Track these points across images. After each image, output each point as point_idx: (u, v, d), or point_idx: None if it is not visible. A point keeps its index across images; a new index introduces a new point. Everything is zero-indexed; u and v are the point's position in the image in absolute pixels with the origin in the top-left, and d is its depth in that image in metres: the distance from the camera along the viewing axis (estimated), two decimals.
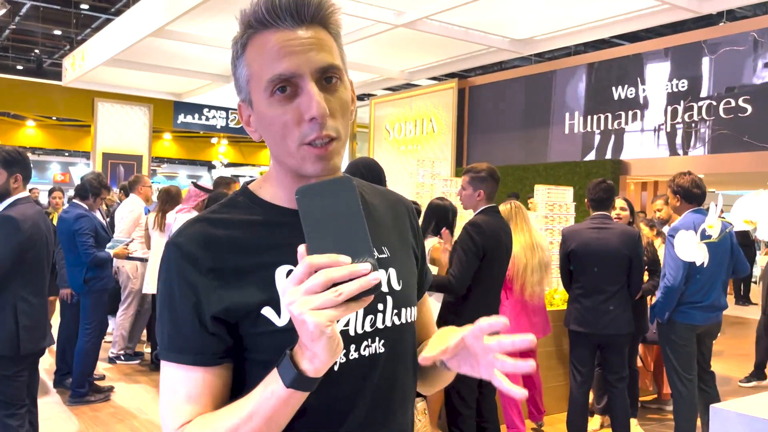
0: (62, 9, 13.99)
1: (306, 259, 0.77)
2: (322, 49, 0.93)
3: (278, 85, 0.92)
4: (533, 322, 4.18)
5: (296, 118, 0.92)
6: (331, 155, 0.94)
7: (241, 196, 1.04)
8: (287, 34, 0.92)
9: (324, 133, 0.92)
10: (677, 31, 10.77)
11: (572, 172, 9.94)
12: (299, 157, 0.94)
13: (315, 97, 0.90)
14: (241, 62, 0.97)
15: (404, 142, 13.15)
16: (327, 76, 0.94)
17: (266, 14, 0.92)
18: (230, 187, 5.70)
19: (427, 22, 9.01)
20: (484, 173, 3.62)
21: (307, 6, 0.93)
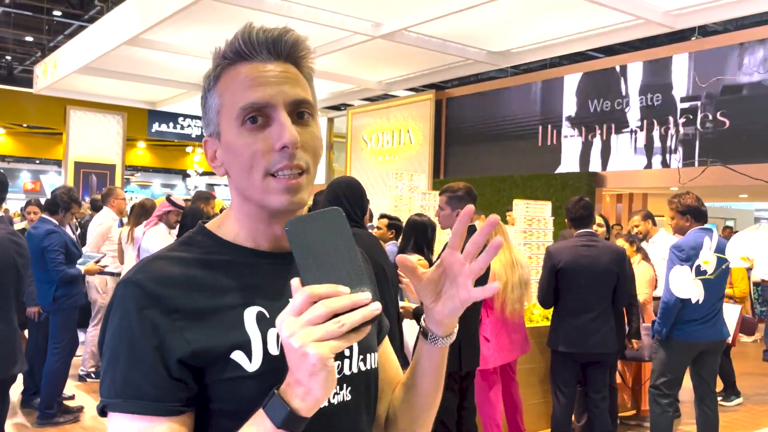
0: (34, 15, 13.75)
1: (305, 289, 0.75)
2: (296, 84, 0.94)
3: (249, 114, 0.90)
4: (513, 339, 4.15)
5: (265, 148, 0.90)
6: (299, 188, 0.92)
7: (199, 236, 0.99)
8: (262, 65, 0.93)
9: (294, 163, 0.90)
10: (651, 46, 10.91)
11: (548, 184, 9.98)
12: (264, 188, 0.91)
13: (286, 125, 0.89)
14: (212, 94, 0.96)
15: (381, 153, 13.13)
16: (299, 110, 0.93)
17: (243, 45, 0.93)
18: (209, 203, 5.62)
19: (404, 34, 9.00)
20: (461, 192, 3.58)
21: (284, 43, 0.94)
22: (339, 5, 8.21)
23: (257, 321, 0.91)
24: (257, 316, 0.92)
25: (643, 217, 5.64)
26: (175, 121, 17.25)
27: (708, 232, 4.03)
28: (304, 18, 8.25)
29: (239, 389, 0.88)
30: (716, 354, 4.17)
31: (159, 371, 0.85)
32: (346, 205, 2.93)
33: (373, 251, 2.88)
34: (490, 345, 3.92)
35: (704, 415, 4.11)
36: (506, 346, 4.08)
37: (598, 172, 9.68)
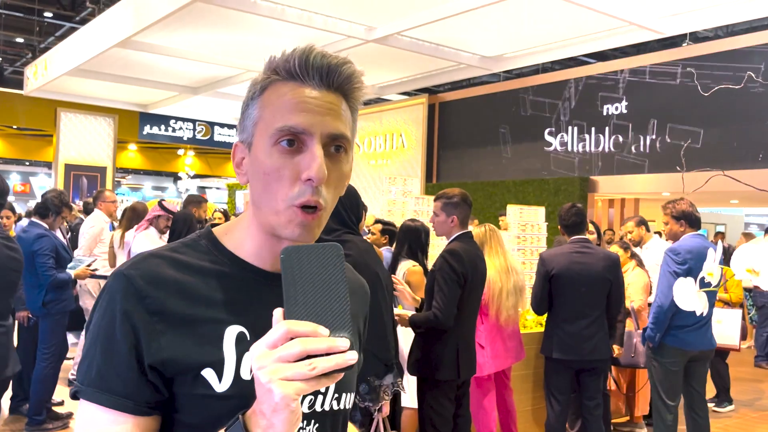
0: (25, 16, 13.66)
1: (284, 323, 0.72)
2: (338, 118, 0.92)
3: (286, 137, 0.89)
4: (508, 346, 4.13)
5: (293, 175, 0.89)
6: (315, 224, 0.91)
7: (204, 240, 0.98)
8: (310, 91, 0.91)
9: (314, 198, 0.88)
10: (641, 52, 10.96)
11: (541, 189, 10.00)
12: (285, 216, 0.90)
13: (318, 158, 0.88)
14: (254, 103, 0.94)
15: (374, 156, 13.11)
16: (336, 144, 0.92)
17: (297, 66, 0.91)
18: (200, 206, 5.58)
19: (397, 38, 9.00)
20: (456, 198, 3.54)
21: (338, 74, 0.92)
22: (332, 9, 8.19)
23: (236, 341, 0.90)
24: (237, 336, 0.90)
25: (636, 223, 5.64)
26: (166, 124, 17.18)
27: (703, 238, 4.05)
28: (298, 21, 8.24)
29: (205, 407, 0.88)
30: (705, 362, 4.18)
31: (132, 370, 0.86)
32: (342, 210, 2.90)
33: (368, 258, 2.86)
34: (485, 352, 3.90)
35: (695, 422, 4.10)
36: (501, 353, 4.06)
37: (590, 177, 9.70)
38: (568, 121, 10.10)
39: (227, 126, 18.54)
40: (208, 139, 18.37)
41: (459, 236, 3.52)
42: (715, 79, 8.28)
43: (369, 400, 2.65)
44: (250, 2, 7.84)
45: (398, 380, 2.77)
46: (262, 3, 7.89)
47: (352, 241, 2.86)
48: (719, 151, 8.26)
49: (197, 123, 17.48)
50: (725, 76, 8.23)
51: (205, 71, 11.45)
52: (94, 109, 14.61)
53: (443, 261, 3.42)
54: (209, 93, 12.91)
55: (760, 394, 6.89)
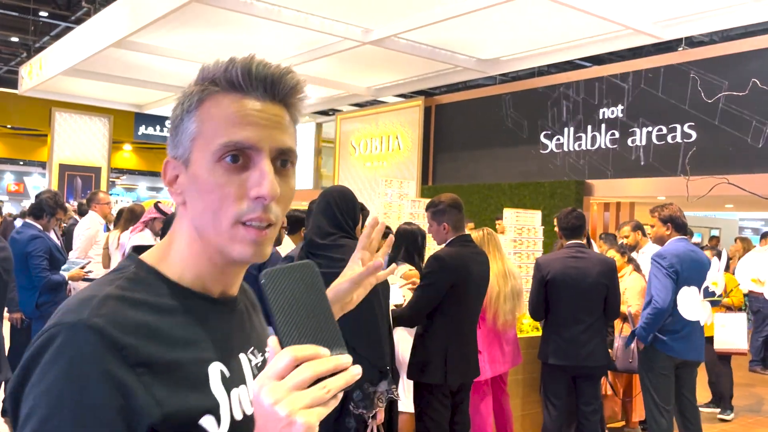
0: (20, 15, 13.60)
1: (288, 350, 0.70)
2: (285, 131, 0.87)
3: (230, 152, 0.82)
4: (505, 351, 4.12)
5: (239, 193, 0.83)
6: (266, 241, 0.85)
7: (143, 272, 0.87)
8: (254, 103, 0.85)
9: (267, 216, 0.84)
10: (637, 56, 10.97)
11: (537, 192, 10.00)
12: (229, 235, 0.84)
13: (269, 175, 0.83)
14: (191, 116, 0.86)
15: (369, 159, 13.10)
16: (283, 158, 0.87)
17: (240, 77, 0.85)
18: None
19: (394, 40, 8.99)
20: (442, 205, 3.52)
21: (283, 84, 0.87)
22: (329, 11, 8.18)
23: (222, 380, 0.85)
24: (221, 374, 0.86)
25: (632, 227, 5.64)
26: (162, 124, 17.14)
27: (687, 242, 4.07)
28: (294, 23, 8.22)
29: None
30: (693, 368, 4.19)
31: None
32: (338, 214, 2.88)
33: None
34: (482, 357, 3.89)
35: (687, 428, 4.11)
36: (498, 358, 4.05)
37: (586, 181, 9.70)
38: (564, 125, 10.11)
39: None
40: None
41: (452, 241, 3.49)
42: (715, 84, 8.30)
43: (363, 407, 2.63)
44: (247, 3, 7.82)
45: (393, 387, 2.75)
46: (258, 4, 7.87)
47: (348, 246, 2.84)
48: (717, 155, 8.27)
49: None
50: (725, 81, 8.24)
51: None
52: (89, 109, 14.56)
53: (427, 264, 3.44)
54: None
55: (756, 399, 6.89)
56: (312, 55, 9.81)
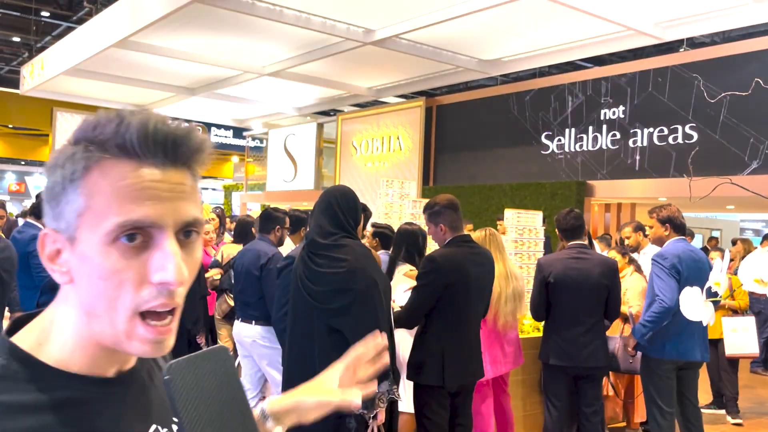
0: (22, 15, 13.62)
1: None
2: (190, 199, 0.76)
3: (127, 232, 0.71)
4: (506, 352, 4.11)
5: (139, 278, 0.71)
6: (169, 336, 0.75)
7: (15, 363, 0.73)
8: (154, 173, 0.73)
9: (173, 301, 0.73)
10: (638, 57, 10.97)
11: (538, 193, 9.99)
12: (126, 331, 0.72)
13: (173, 257, 0.72)
14: (75, 188, 0.72)
15: (370, 159, 13.09)
16: (188, 229, 0.76)
17: (135, 142, 0.71)
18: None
19: (396, 41, 9.00)
20: (437, 207, 3.50)
21: (186, 146, 0.75)
22: (331, 11, 8.18)
23: None
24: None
25: (634, 228, 5.63)
26: None
27: (686, 242, 4.06)
28: (296, 23, 8.22)
29: None
30: (695, 370, 4.18)
31: None
32: (339, 214, 2.88)
33: (366, 263, 2.84)
34: (483, 357, 3.88)
35: (688, 429, 4.10)
36: (499, 358, 4.04)
37: (587, 181, 9.70)
38: (565, 125, 10.10)
39: (224, 127, 18.51)
40: None
41: (450, 241, 3.47)
42: (717, 85, 8.29)
43: (364, 407, 2.63)
44: (248, 3, 7.82)
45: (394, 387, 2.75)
46: (260, 4, 7.88)
47: (350, 246, 2.84)
48: (719, 156, 8.26)
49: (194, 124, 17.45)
50: (727, 82, 8.24)
51: (202, 72, 11.43)
52: (91, 109, 14.56)
53: (421, 265, 3.44)
54: (206, 94, 12.89)
55: (758, 401, 6.89)
56: (313, 55, 9.82)
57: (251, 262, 4.29)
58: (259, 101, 13.97)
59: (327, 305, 2.76)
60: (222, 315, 5.21)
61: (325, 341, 2.75)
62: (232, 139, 19.27)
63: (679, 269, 3.86)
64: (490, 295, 3.63)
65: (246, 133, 17.48)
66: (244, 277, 4.32)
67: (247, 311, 4.32)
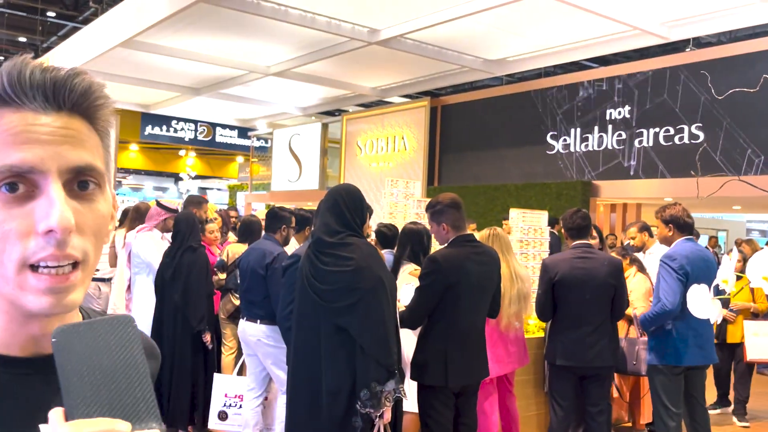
0: (28, 16, 13.67)
1: (68, 425, 0.56)
2: (79, 145, 0.70)
3: (7, 180, 0.67)
4: (510, 351, 4.10)
5: (24, 228, 0.67)
6: (70, 287, 0.68)
7: None
8: (33, 116, 0.69)
9: (64, 253, 0.67)
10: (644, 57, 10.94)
11: (543, 193, 9.97)
12: (18, 284, 0.67)
13: (57, 202, 0.66)
14: None
15: (375, 159, 13.09)
16: (82, 179, 0.70)
17: (8, 86, 0.68)
18: (201, 207, 5.55)
19: (401, 41, 9.00)
20: (439, 206, 3.47)
21: (69, 90, 0.70)
22: (336, 11, 8.19)
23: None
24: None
25: (639, 228, 5.60)
26: (168, 124, 17.18)
27: (694, 242, 4.03)
28: (301, 23, 8.23)
29: None
30: (703, 371, 4.17)
31: None
32: (346, 213, 2.87)
33: (371, 261, 2.83)
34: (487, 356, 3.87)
35: (695, 430, 4.09)
36: (503, 357, 4.03)
37: (592, 181, 9.68)
38: (570, 125, 10.09)
39: (229, 127, 18.54)
40: (210, 140, 18.38)
41: (454, 240, 3.45)
42: (723, 84, 8.27)
43: (370, 406, 2.62)
44: (253, 3, 7.83)
45: (400, 386, 2.74)
46: (265, 4, 7.89)
47: (356, 244, 2.83)
48: (726, 156, 8.23)
49: (199, 124, 17.50)
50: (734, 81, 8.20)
51: (207, 72, 11.45)
52: None
53: (422, 266, 3.42)
54: (211, 94, 12.92)
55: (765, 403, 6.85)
56: (318, 55, 9.83)
57: (257, 261, 4.29)
58: (264, 101, 13.99)
59: (333, 304, 2.76)
60: (227, 314, 5.21)
61: (331, 340, 2.75)
62: (236, 139, 19.31)
63: (687, 271, 3.84)
64: (499, 293, 3.60)
65: (251, 133, 17.51)
66: (249, 276, 4.32)
67: (252, 310, 4.32)
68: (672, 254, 3.93)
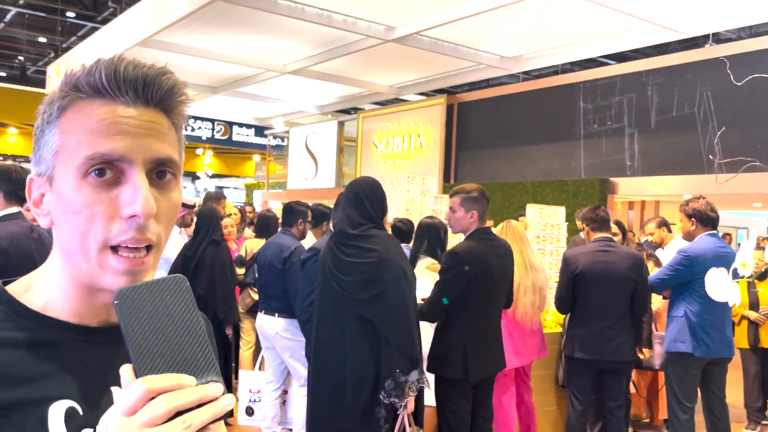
0: (48, 16, 13.83)
1: (140, 381, 0.59)
2: (162, 139, 0.77)
3: (97, 166, 0.73)
4: (528, 343, 4.10)
5: (110, 212, 0.73)
6: (144, 269, 0.75)
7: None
8: (123, 109, 0.75)
9: (144, 236, 0.73)
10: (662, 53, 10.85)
11: (560, 191, 9.92)
12: (99, 262, 0.73)
13: (142, 190, 0.73)
14: (52, 128, 0.76)
15: (391, 157, 13.10)
16: (161, 169, 0.77)
17: (104, 80, 0.75)
18: (219, 202, 5.60)
19: (417, 38, 9.00)
20: (476, 193, 3.49)
21: (157, 87, 0.77)
22: (352, 8, 8.20)
23: (66, 420, 0.73)
24: (66, 412, 0.73)
25: (657, 224, 5.57)
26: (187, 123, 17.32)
27: (717, 238, 3.97)
28: (317, 21, 8.26)
29: None
30: (723, 365, 4.12)
31: None
32: (368, 205, 2.89)
33: (394, 253, 2.86)
34: (505, 347, 3.87)
35: (714, 425, 4.05)
36: (522, 349, 4.03)
37: (610, 179, 9.62)
38: (587, 122, 10.03)
39: (246, 126, 18.64)
40: (227, 138, 18.48)
41: (473, 233, 3.46)
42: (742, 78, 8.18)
43: (395, 396, 2.65)
44: (270, 1, 7.87)
45: (423, 376, 2.77)
46: (282, 2, 7.92)
47: (378, 236, 2.86)
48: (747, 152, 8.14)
49: (216, 122, 17.60)
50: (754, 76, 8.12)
51: (224, 70, 11.52)
52: None
53: (444, 260, 3.43)
54: (228, 92, 12.99)
55: None
56: (334, 53, 9.85)
57: (274, 256, 4.32)
58: (281, 99, 14.05)
59: (356, 295, 2.78)
60: (246, 309, 5.26)
61: (355, 330, 2.77)
62: (253, 137, 19.40)
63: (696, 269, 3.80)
64: (512, 285, 3.62)
65: (267, 132, 17.59)
66: (267, 270, 4.36)
67: (270, 304, 4.36)
68: (687, 251, 3.89)
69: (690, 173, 8.71)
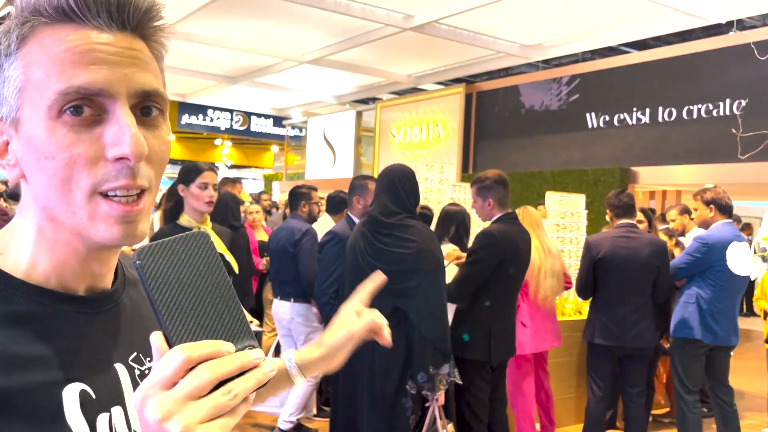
0: None
1: (178, 349, 0.54)
2: (145, 68, 0.67)
3: (72, 103, 0.62)
4: (546, 328, 4.09)
5: (93, 155, 0.62)
6: (141, 216, 0.66)
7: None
8: (97, 35, 0.64)
9: (136, 182, 0.64)
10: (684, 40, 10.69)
11: (579, 180, 9.84)
12: (88, 212, 0.64)
13: (130, 128, 0.62)
14: (11, 60, 0.64)
15: (409, 147, 13.07)
16: (146, 105, 0.66)
17: (72, 1, 0.63)
18: (235, 187, 5.62)
19: (436, 26, 8.95)
20: (488, 181, 3.50)
21: (133, 7, 0.66)
22: None
23: (81, 405, 0.65)
24: (81, 397, 0.65)
25: (680, 211, 5.51)
26: (204, 113, 17.39)
27: (733, 226, 3.98)
28: (335, 9, 8.24)
29: None
30: (726, 353, 4.14)
31: None
32: (403, 194, 2.88)
33: (432, 245, 2.86)
34: (526, 330, 3.86)
35: (722, 410, 4.05)
36: (542, 333, 4.02)
37: (631, 168, 9.52)
38: (607, 111, 9.92)
39: (264, 116, 18.68)
40: (245, 129, 18.54)
41: (500, 217, 3.47)
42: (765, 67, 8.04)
43: (427, 389, 2.65)
44: None
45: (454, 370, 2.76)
46: None
47: (416, 227, 2.85)
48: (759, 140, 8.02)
49: (234, 113, 17.66)
50: None
51: (242, 60, 11.55)
52: None
53: (475, 241, 3.42)
54: (247, 82, 13.02)
55: None
56: (352, 42, 9.83)
57: (286, 239, 4.33)
58: (299, 89, 14.06)
59: (392, 285, 2.78)
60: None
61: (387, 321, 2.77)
62: (271, 128, 19.44)
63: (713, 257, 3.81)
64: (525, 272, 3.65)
65: (285, 122, 17.63)
66: (279, 256, 4.38)
67: (284, 289, 4.37)
68: (705, 238, 3.91)
69: (712, 162, 8.59)
